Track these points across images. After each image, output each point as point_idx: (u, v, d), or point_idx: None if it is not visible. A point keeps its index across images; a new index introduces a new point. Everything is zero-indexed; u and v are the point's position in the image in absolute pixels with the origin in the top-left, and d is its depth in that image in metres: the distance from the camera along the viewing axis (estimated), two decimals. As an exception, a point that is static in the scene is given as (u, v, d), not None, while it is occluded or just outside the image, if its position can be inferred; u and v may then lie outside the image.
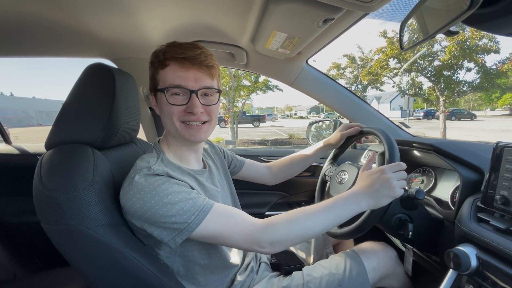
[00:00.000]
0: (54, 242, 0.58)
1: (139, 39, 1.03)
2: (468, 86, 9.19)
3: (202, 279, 0.72)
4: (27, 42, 1.03)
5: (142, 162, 0.64)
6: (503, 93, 16.07)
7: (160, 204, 0.56)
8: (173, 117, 0.65)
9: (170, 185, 0.59)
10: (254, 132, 15.49)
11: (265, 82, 9.73)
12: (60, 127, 0.67)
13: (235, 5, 0.82)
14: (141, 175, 0.59)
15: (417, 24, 0.67)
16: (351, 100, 1.34)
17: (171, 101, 0.64)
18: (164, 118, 0.67)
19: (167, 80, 0.64)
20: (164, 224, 0.57)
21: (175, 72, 0.63)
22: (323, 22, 0.77)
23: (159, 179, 0.59)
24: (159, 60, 0.64)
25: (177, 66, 0.63)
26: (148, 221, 0.57)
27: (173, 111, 0.64)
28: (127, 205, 0.58)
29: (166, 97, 0.64)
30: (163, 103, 0.65)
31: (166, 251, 0.67)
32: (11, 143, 1.57)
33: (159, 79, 0.65)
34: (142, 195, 0.57)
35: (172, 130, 0.68)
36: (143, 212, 0.57)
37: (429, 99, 9.92)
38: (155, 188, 0.57)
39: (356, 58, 13.84)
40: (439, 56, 9.22)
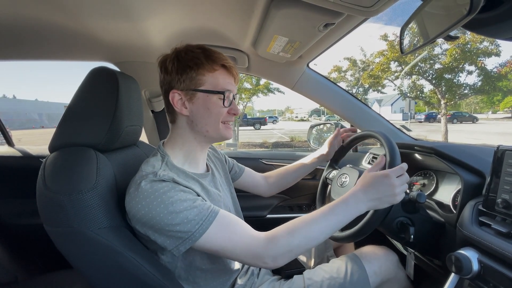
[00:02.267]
0: (57, 244, 0.59)
1: (142, 43, 1.04)
2: (470, 89, 9.18)
3: (203, 283, 0.72)
4: (31, 46, 1.04)
5: (147, 167, 0.64)
6: (504, 96, 16.02)
7: (165, 212, 0.56)
8: (220, 118, 0.70)
9: (176, 192, 0.59)
10: (255, 135, 15.51)
11: (266, 85, 9.76)
12: (64, 130, 0.68)
13: (236, 9, 0.83)
14: (147, 181, 0.59)
15: (417, 28, 0.67)
16: (352, 103, 1.34)
17: (226, 104, 0.69)
18: (206, 117, 0.69)
19: (219, 84, 0.68)
20: (168, 232, 0.57)
21: (225, 78, 0.69)
22: (323, 26, 0.78)
23: (165, 185, 0.59)
24: (202, 63, 0.67)
25: (225, 72, 0.70)
26: (152, 228, 0.58)
27: (223, 112, 0.70)
28: (133, 211, 0.58)
29: (224, 99, 0.68)
30: (211, 104, 0.68)
31: (168, 256, 0.67)
32: (13, 145, 1.58)
33: (206, 81, 0.68)
34: (147, 202, 0.57)
35: (212, 130, 0.71)
36: (148, 219, 0.57)
37: (430, 102, 9.91)
38: (161, 195, 0.57)
39: (357, 61, 13.86)
40: (440, 59, 9.24)
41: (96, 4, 0.76)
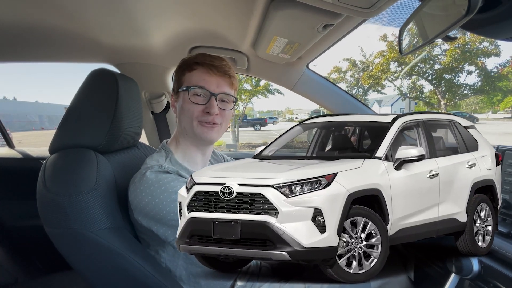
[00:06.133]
0: (57, 246, 0.59)
1: (142, 45, 1.04)
2: (469, 89, 9.19)
3: (204, 283, 0.72)
4: (32, 48, 1.04)
5: (152, 161, 0.67)
6: (504, 96, 16.03)
7: (168, 200, 0.58)
8: (193, 115, 0.70)
9: (179, 183, 0.61)
10: (255, 136, 15.51)
11: (266, 86, 9.77)
12: (64, 132, 0.68)
13: (236, 11, 0.83)
14: (152, 172, 0.62)
15: (416, 29, 0.67)
16: (351, 104, 1.34)
17: (192, 100, 0.69)
18: (182, 116, 0.72)
19: (191, 81, 0.70)
20: (169, 222, 0.58)
21: (200, 75, 0.70)
22: (323, 27, 0.78)
23: (169, 176, 0.62)
24: (188, 64, 0.70)
25: (203, 70, 0.70)
26: (154, 218, 0.59)
27: (194, 109, 0.70)
28: (136, 200, 0.60)
29: (189, 95, 0.69)
30: (184, 101, 0.70)
31: (169, 254, 0.68)
32: (14, 147, 1.58)
33: (184, 80, 0.71)
34: (151, 190, 0.59)
35: (188, 128, 0.71)
36: (150, 207, 0.58)
37: (430, 102, 9.92)
38: (165, 184, 0.60)
39: (357, 62, 13.89)
40: (440, 60, 9.25)
41: (96, 6, 0.76)
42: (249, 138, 13.69)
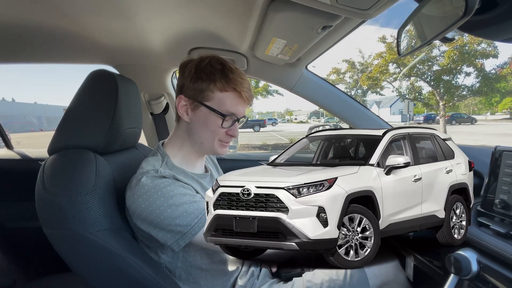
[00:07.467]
0: (56, 247, 0.59)
1: (141, 46, 1.04)
2: (468, 90, 9.23)
3: (204, 283, 0.72)
4: (31, 49, 1.05)
5: (147, 165, 0.66)
6: (502, 97, 16.14)
7: (165, 205, 0.58)
8: (217, 136, 0.71)
9: (176, 187, 0.61)
10: (254, 137, 15.51)
11: (265, 87, 9.80)
12: (63, 133, 0.68)
13: (235, 12, 0.83)
14: (148, 177, 0.61)
15: (414, 30, 0.68)
16: (350, 105, 1.35)
17: (225, 125, 0.70)
18: (201, 131, 0.71)
19: (225, 105, 0.69)
20: (168, 227, 0.58)
21: (233, 101, 0.70)
22: (321, 29, 0.78)
23: (165, 181, 0.61)
24: (216, 78, 0.68)
25: (236, 96, 0.70)
26: (152, 223, 0.59)
27: (219, 131, 0.70)
28: (133, 206, 0.59)
29: (223, 121, 0.69)
30: (211, 121, 0.70)
31: (169, 255, 0.68)
32: (12, 148, 1.58)
33: (214, 97, 0.69)
34: (148, 196, 0.59)
35: (206, 143, 0.72)
36: (148, 213, 0.58)
37: (429, 103, 9.96)
38: (161, 189, 0.59)
39: (356, 63, 13.93)
40: (438, 61, 9.29)
41: (95, 7, 0.76)
42: (248, 140, 13.70)
